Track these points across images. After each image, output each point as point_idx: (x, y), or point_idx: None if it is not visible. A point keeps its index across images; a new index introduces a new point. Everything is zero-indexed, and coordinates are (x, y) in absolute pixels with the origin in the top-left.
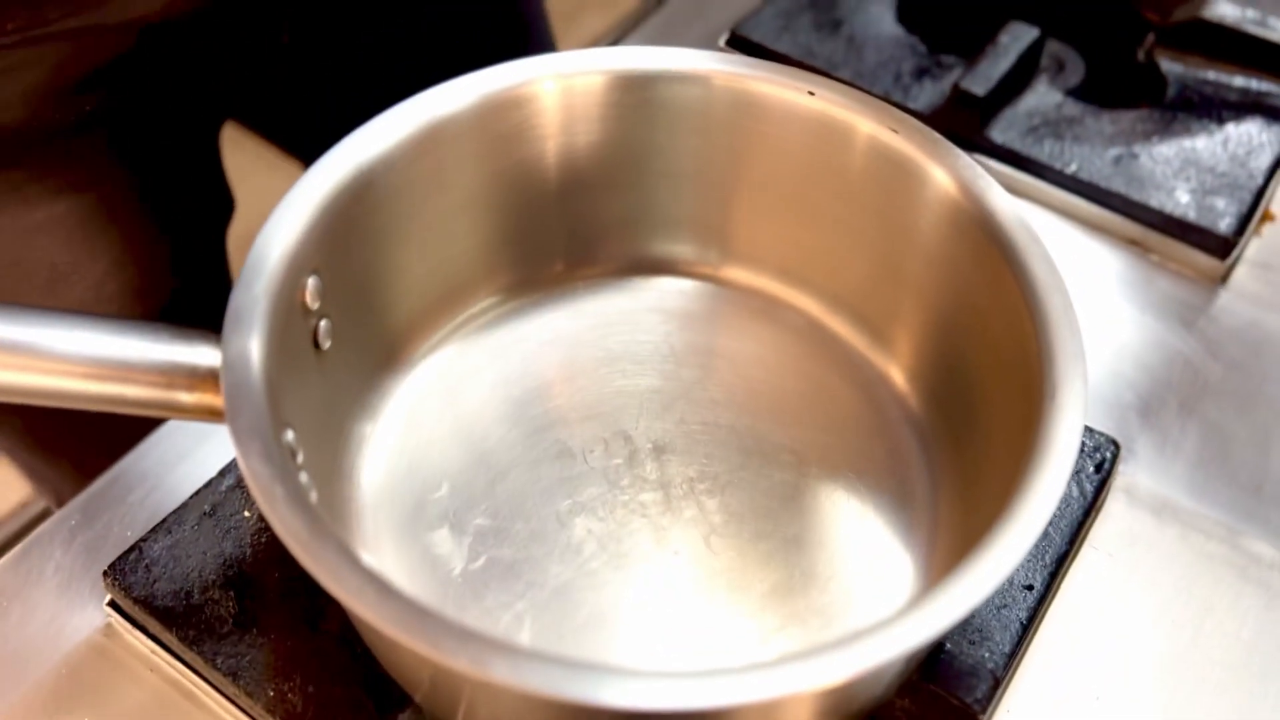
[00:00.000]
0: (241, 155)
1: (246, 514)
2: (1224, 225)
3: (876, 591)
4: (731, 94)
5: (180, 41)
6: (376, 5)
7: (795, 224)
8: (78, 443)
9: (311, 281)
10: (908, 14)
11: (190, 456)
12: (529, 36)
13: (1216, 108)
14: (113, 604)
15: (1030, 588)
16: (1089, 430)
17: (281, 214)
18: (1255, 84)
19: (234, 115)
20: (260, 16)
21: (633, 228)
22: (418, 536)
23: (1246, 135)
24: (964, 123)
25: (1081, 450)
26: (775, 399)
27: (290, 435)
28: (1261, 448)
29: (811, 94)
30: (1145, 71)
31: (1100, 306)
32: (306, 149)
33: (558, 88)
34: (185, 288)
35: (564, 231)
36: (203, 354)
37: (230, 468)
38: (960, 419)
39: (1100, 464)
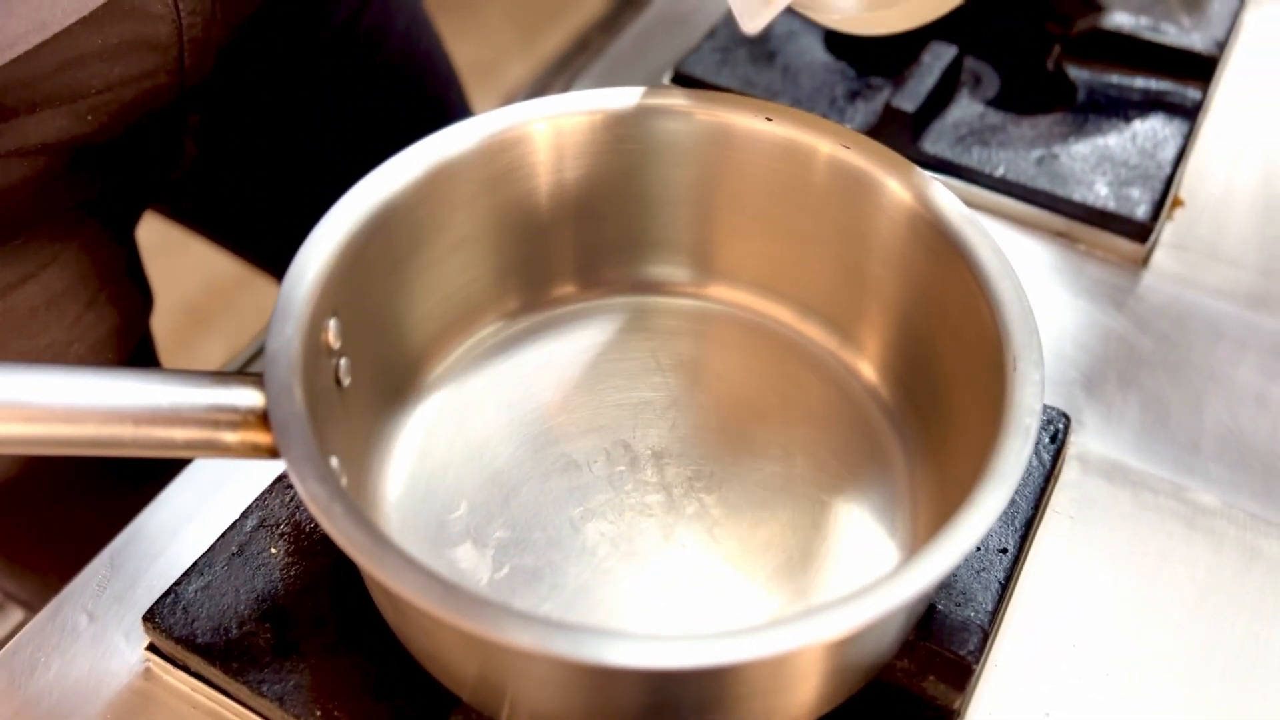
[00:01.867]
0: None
1: (273, 551)
2: (1141, 212)
3: (869, 563)
4: (707, 126)
5: (102, 158)
6: (284, 113)
7: (767, 240)
8: (44, 551)
9: (333, 323)
10: (835, 42)
11: (204, 506)
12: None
13: (1123, 107)
14: (151, 647)
15: (1004, 551)
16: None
17: (303, 261)
18: (1155, 83)
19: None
20: (161, 138)
21: (620, 253)
22: (442, 553)
23: (1152, 130)
24: (898, 138)
25: None
26: (758, 400)
27: (335, 462)
28: (1195, 409)
29: (769, 120)
30: (1055, 79)
31: (1038, 295)
32: (227, 232)
33: (548, 128)
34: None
35: (557, 261)
36: (243, 395)
37: (252, 509)
38: (928, 402)
39: (1055, 435)
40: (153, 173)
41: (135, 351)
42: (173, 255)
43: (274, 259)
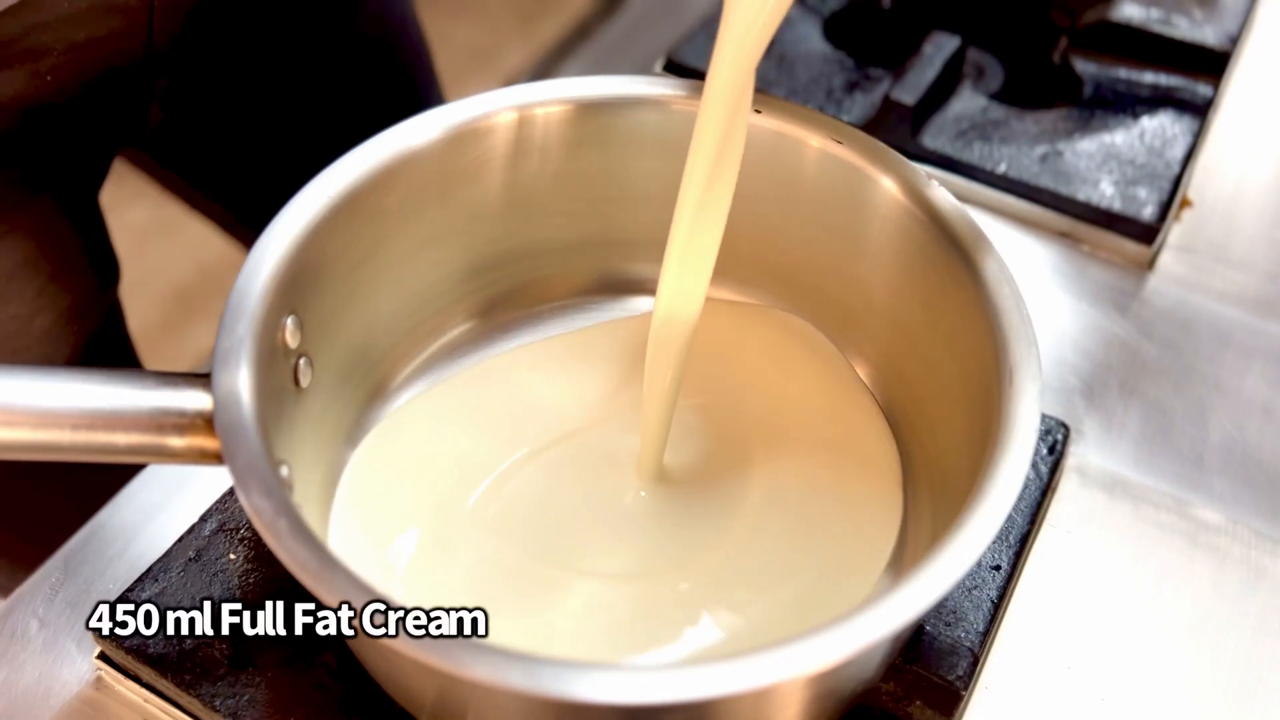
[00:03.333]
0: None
1: (232, 557)
2: (1147, 213)
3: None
4: (688, 117)
5: (59, 119)
6: (253, 77)
7: (753, 239)
8: (9, 534)
9: (290, 321)
10: (834, 31)
11: (164, 508)
12: (420, 101)
13: (1131, 103)
14: (103, 656)
15: (998, 568)
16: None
17: (259, 255)
18: (1165, 79)
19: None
20: (125, 101)
21: (596, 250)
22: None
23: (1160, 127)
24: (896, 131)
25: None
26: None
27: (285, 471)
28: (1199, 420)
29: (759, 111)
30: (1061, 72)
31: (1038, 297)
32: (202, 181)
33: (521, 119)
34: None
35: (532, 257)
36: (190, 398)
37: (211, 513)
38: (921, 410)
39: (1053, 446)
40: (115, 137)
41: (104, 322)
42: (164, 239)
43: (240, 221)
